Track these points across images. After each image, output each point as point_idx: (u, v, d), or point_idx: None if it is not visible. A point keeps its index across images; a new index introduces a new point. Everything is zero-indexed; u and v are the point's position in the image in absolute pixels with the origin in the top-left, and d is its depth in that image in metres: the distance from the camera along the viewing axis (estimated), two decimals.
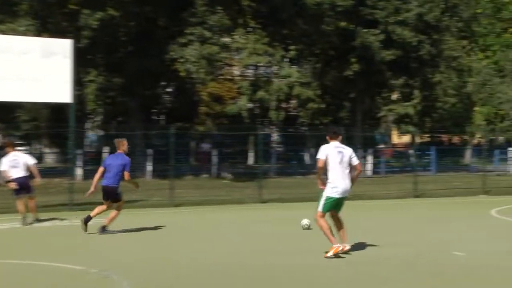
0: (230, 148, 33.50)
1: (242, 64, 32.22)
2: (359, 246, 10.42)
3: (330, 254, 9.43)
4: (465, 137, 48.95)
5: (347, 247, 9.60)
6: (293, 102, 38.04)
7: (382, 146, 45.94)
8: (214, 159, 30.05)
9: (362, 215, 15.80)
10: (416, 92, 34.23)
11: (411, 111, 33.98)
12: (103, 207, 12.21)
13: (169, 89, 37.09)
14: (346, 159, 9.72)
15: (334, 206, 9.70)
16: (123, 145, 12.31)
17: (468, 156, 42.26)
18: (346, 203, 10.09)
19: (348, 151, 9.85)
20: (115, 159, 12.33)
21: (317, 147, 10.19)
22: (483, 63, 45.49)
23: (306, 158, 34.93)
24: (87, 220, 12.04)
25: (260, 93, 29.80)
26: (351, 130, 31.58)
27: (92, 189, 12.20)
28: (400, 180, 26.38)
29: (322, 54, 33.86)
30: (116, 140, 12.58)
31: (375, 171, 33.19)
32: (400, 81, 32.88)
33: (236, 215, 15.99)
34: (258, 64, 32.17)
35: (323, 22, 29.55)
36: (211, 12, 26.33)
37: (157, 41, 27.46)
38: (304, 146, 34.49)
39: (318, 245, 10.05)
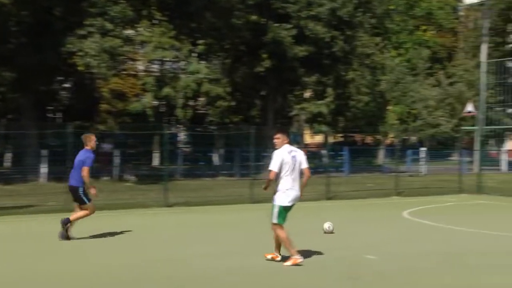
0: (133, 148, 32.91)
1: (147, 59, 31.76)
2: (269, 252, 10.53)
3: (289, 263, 9.18)
4: (378, 137, 50.41)
5: (300, 259, 9.27)
6: (202, 99, 37.95)
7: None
8: (116, 160, 29.44)
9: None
10: (329, 90, 34.71)
11: (324, 110, 34.52)
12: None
13: (66, 85, 36.14)
14: (298, 164, 9.45)
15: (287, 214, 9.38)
16: (90, 140, 11.97)
17: (381, 157, 43.56)
18: (253, 207, 10.14)
19: (300, 154, 9.57)
20: (78, 156, 12.01)
21: (226, 147, 10.14)
22: (396, 61, 47.02)
23: (215, 159, 34.82)
24: (64, 222, 11.69)
25: (166, 90, 29.41)
26: (262, 129, 31.84)
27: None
28: (312, 182, 26.71)
29: (232, 50, 33.85)
30: (83, 136, 12.18)
31: None
32: (313, 78, 33.30)
33: (139, 220, 15.73)
34: (164, 59, 31.70)
35: (233, 16, 29.56)
36: (112, 2, 25.72)
37: (53, 33, 26.46)
38: (213, 146, 34.40)
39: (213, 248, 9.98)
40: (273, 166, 9.29)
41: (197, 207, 18.55)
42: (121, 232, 12.75)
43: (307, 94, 38.73)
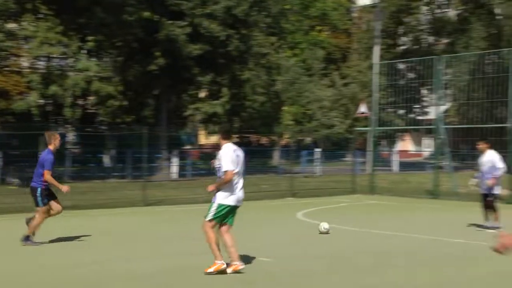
0: (17, 150, 31.84)
1: (32, 55, 30.72)
2: (161, 255, 10.47)
3: (211, 270, 8.89)
4: (274, 137, 51.00)
5: (241, 266, 9.04)
6: (92, 98, 37.17)
7: (188, 147, 46.46)
8: None
9: (165, 222, 15.88)
10: (225, 90, 34.80)
11: (219, 110, 34.55)
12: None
13: None
14: (241, 162, 9.24)
15: (226, 215, 9.12)
16: (54, 139, 11.56)
17: (276, 158, 44.16)
18: (144, 210, 10.03)
19: (242, 152, 9.39)
20: (41, 156, 11.70)
21: (118, 148, 9.96)
22: (291, 61, 47.73)
23: (106, 160, 34.25)
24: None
25: (53, 88, 28.55)
26: (156, 129, 31.55)
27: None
28: (207, 183, 26.75)
29: (124, 47, 33.36)
30: (46, 133, 11.83)
31: (181, 174, 33.45)
32: (208, 78, 33.24)
33: (21, 225, 15.19)
34: (51, 56, 30.87)
35: (124, 12, 29.16)
36: None
37: None
38: (103, 147, 33.78)
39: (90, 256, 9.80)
40: (228, 166, 8.95)
41: (86, 211, 18.15)
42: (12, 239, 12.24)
43: (202, 94, 38.68)
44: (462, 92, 32.23)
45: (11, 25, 27.94)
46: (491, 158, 14.17)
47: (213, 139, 51.12)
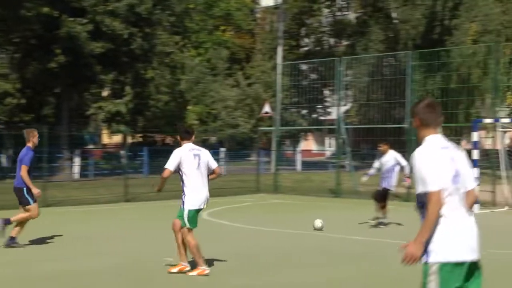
0: None
1: None
2: (68, 256, 10.16)
3: (194, 273, 8.87)
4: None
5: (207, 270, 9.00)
6: None
7: (91, 146, 45.49)
8: None
9: (68, 223, 15.42)
10: (128, 89, 34.40)
11: (122, 109, 34.12)
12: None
13: None
14: (204, 163, 9.20)
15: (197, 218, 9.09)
16: (33, 136, 11.32)
17: None
18: (50, 210, 9.74)
19: (204, 153, 9.36)
20: (20, 154, 11.47)
21: (16, 148, 9.63)
22: (196, 61, 47.66)
23: (3, 160, 33.05)
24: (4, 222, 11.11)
25: None
26: (57, 129, 30.69)
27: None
28: (110, 184, 26.33)
29: (22, 43, 32.29)
30: (25, 131, 11.48)
31: (83, 174, 32.69)
32: (111, 76, 32.81)
33: None
34: None
35: (22, 7, 28.23)
36: None
37: None
38: (1, 147, 32.61)
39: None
40: (169, 165, 9.01)
41: None
42: None
43: (105, 92, 37.98)
44: (362, 93, 33.04)
45: None
46: (393, 157, 14.61)
47: (117, 138, 50.35)
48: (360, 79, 33.20)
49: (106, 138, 51.96)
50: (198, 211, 9.10)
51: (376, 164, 15.29)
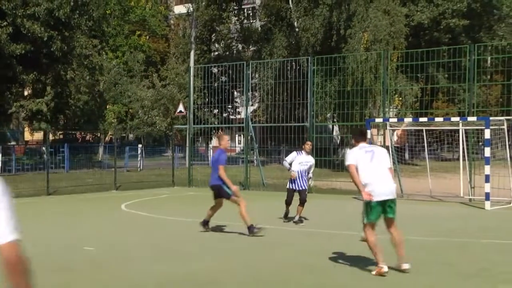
0: None
1: None
2: None
3: (373, 272, 7.98)
4: (98, 134, 49.78)
5: (405, 266, 8.05)
6: None
7: (13, 143, 43.86)
8: None
9: None
10: (49, 89, 33.60)
11: (43, 107, 33.28)
12: None
13: None
14: (376, 159, 8.35)
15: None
16: (222, 140, 12.06)
17: (101, 153, 43.02)
18: None
19: (378, 150, 8.64)
20: (214, 155, 11.73)
21: None
22: (113, 63, 46.80)
23: None
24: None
25: None
26: None
27: None
28: (33, 178, 25.49)
29: None
30: (217, 135, 10.44)
31: (6, 169, 31.46)
32: (31, 76, 31.84)
33: None
34: None
35: None
36: None
37: None
38: None
39: None
40: (350, 161, 8.20)
41: None
42: None
43: (26, 92, 36.79)
44: (268, 94, 33.22)
45: None
46: (311, 157, 13.68)
47: (38, 135, 48.76)
48: (266, 82, 33.38)
49: (28, 135, 50.47)
50: (380, 203, 8.04)
51: (290, 160, 13.55)
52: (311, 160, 13.69)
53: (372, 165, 8.09)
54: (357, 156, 8.19)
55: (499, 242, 11.02)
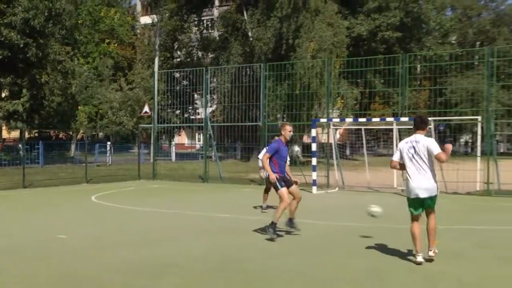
0: None
1: None
2: None
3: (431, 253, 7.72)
4: (71, 132, 49.05)
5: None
6: None
7: None
8: None
9: None
10: (25, 91, 33.09)
11: (20, 108, 32.73)
12: None
13: None
14: (420, 153, 7.71)
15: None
16: (284, 130, 10.22)
17: (73, 150, 42.32)
18: None
19: (424, 141, 7.77)
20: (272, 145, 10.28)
21: None
22: (84, 68, 46.09)
23: None
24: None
25: None
26: None
27: None
28: (9, 172, 24.93)
29: None
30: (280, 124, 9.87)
31: None
32: (8, 79, 31.43)
33: None
34: None
35: None
36: None
37: None
38: None
39: None
40: (395, 157, 7.87)
41: None
42: None
43: (3, 93, 36.00)
44: (225, 97, 33.22)
45: None
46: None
47: (15, 133, 47.65)
48: (223, 85, 33.39)
49: (5, 133, 49.31)
50: (410, 200, 7.84)
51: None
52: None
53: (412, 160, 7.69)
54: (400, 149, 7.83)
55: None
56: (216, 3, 47.25)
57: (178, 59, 47.10)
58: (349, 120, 23.14)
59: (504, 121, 31.80)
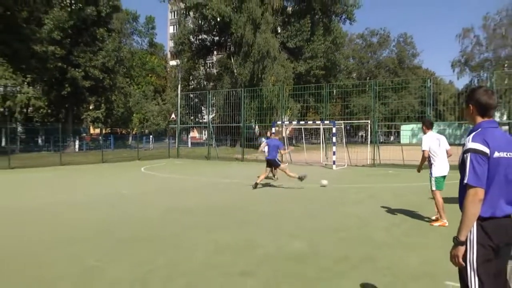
0: None
1: None
2: None
3: (436, 224, 6.38)
4: (129, 130, 49.57)
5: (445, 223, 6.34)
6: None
7: (84, 135, 43.17)
8: None
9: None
10: (103, 105, 33.18)
11: (100, 115, 32.62)
12: None
13: None
14: (442, 145, 6.54)
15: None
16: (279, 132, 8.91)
17: (130, 140, 42.87)
18: None
19: (443, 139, 6.60)
20: (276, 142, 9.62)
21: (46, 136, 7.93)
22: (137, 91, 46.46)
23: (40, 141, 30.78)
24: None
25: (8, 103, 24.57)
26: (66, 126, 29.04)
27: None
28: (94, 154, 24.49)
29: (48, 80, 29.47)
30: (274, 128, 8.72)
31: (80, 148, 30.52)
32: (94, 98, 31.70)
33: None
34: (6, 85, 24.75)
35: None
36: None
37: None
38: (38, 134, 30.21)
39: None
40: (424, 147, 6.43)
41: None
42: None
43: (91, 107, 36.03)
44: (220, 109, 32.77)
45: None
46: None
47: (97, 130, 47.80)
48: (219, 102, 32.62)
49: (92, 130, 49.60)
50: (443, 177, 6.46)
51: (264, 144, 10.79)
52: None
53: (440, 149, 6.42)
54: (429, 143, 6.43)
55: (340, 186, 10.74)
56: (215, 53, 47.81)
57: (192, 86, 47.35)
58: (294, 122, 22.07)
59: (382, 123, 33.27)
